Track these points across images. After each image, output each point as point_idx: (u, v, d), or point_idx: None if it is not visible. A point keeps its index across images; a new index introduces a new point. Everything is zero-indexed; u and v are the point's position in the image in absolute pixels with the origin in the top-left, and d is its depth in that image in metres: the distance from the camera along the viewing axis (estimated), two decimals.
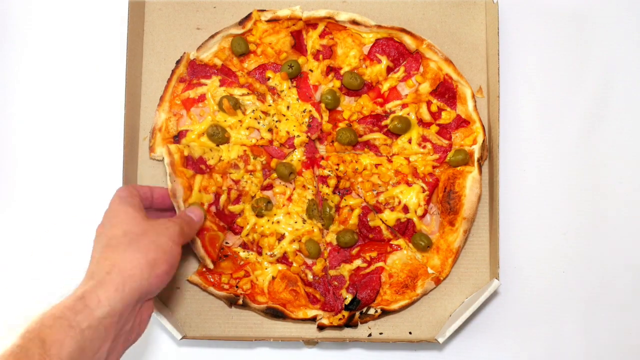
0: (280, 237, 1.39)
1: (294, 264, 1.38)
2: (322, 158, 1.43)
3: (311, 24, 1.44)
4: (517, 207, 1.45)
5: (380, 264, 1.39)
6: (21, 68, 1.51)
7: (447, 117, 1.41)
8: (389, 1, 1.48)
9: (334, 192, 1.41)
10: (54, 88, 1.50)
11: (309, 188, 1.41)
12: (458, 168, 1.39)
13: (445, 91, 1.41)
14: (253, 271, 1.38)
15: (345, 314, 1.36)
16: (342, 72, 1.43)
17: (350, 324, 1.36)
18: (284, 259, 1.39)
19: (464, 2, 1.48)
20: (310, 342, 1.37)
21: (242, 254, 1.39)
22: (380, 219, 1.40)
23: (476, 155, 1.37)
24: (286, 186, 1.42)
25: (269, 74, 1.44)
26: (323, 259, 1.40)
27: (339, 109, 1.44)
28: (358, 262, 1.39)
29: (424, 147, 1.41)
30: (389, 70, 1.44)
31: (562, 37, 1.50)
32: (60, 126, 1.49)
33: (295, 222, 1.39)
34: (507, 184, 1.44)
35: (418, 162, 1.41)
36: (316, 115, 1.43)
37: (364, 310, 1.37)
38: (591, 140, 1.48)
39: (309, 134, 1.43)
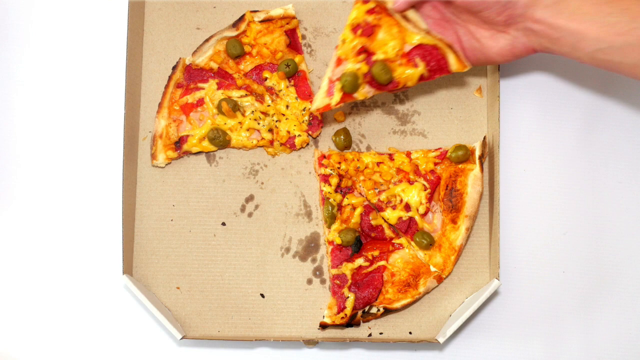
0: None
1: None
2: (324, 157, 1.43)
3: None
4: (517, 207, 1.45)
5: (383, 262, 1.38)
6: (21, 68, 1.50)
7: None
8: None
9: (335, 191, 1.41)
10: (53, 88, 1.50)
11: None
12: (460, 166, 1.39)
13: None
14: None
15: (348, 312, 1.36)
16: (374, 58, 1.28)
17: (352, 322, 1.36)
18: None
19: None
20: (311, 342, 1.37)
21: None
22: (382, 218, 1.40)
23: (477, 153, 1.38)
24: None
25: (266, 74, 1.44)
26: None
27: (354, 95, 1.30)
28: (360, 261, 1.38)
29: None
30: (422, 78, 1.30)
31: None
32: (59, 126, 1.48)
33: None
34: (507, 184, 1.45)
35: (419, 160, 1.41)
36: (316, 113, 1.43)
37: (366, 309, 1.36)
38: (591, 140, 1.48)
39: (309, 132, 1.43)
